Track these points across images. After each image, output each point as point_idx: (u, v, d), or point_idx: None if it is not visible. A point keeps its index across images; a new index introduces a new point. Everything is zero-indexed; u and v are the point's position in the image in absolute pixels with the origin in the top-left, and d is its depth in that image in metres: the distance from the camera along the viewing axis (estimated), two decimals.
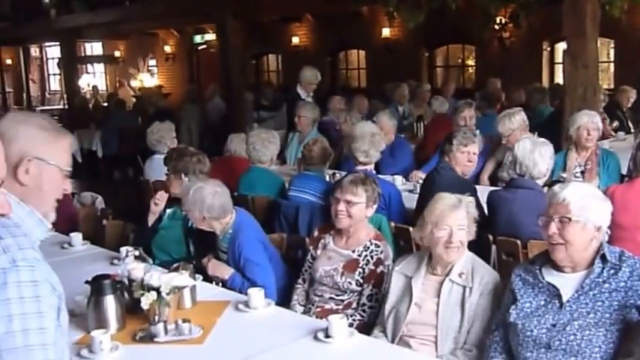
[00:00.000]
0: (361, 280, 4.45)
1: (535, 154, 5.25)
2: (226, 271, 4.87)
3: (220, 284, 4.79)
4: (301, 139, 9.05)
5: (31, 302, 2.01)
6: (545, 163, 5.29)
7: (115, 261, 5.06)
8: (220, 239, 4.99)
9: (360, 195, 4.56)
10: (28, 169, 2.29)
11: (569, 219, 3.37)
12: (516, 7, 10.26)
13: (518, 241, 4.90)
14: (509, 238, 5.01)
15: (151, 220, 5.71)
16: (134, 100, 19.60)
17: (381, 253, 4.47)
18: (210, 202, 4.82)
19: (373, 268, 4.43)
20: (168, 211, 5.74)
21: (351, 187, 4.58)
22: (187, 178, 5.72)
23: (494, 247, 5.12)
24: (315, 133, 8.91)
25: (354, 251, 4.53)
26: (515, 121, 7.31)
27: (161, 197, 5.72)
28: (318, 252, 4.72)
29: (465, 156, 5.95)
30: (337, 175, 7.13)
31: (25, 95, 24.37)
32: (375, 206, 4.69)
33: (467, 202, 3.99)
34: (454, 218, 3.89)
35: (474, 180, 7.04)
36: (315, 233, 4.87)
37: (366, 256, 4.48)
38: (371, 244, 4.51)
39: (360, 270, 4.46)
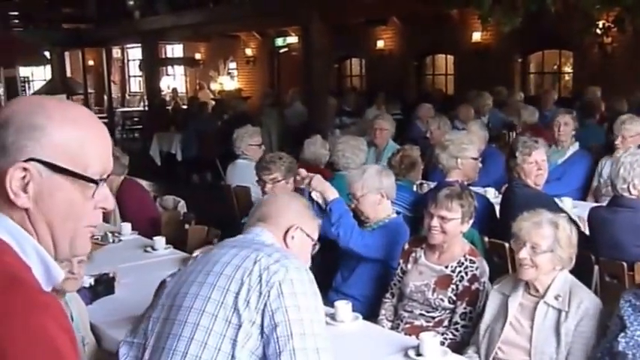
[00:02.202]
0: (454, 298, 4.21)
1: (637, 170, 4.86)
2: (332, 192, 4.85)
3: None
4: (378, 153, 8.77)
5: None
6: None
7: None
8: (368, 225, 4.95)
9: (455, 210, 4.28)
10: (294, 236, 2.97)
11: None
12: (621, 11, 9.76)
13: (624, 263, 4.55)
14: (613, 260, 4.68)
15: None
16: (213, 103, 19.59)
17: (477, 269, 4.22)
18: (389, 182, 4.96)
19: (467, 285, 4.19)
20: None
21: (446, 202, 4.29)
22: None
23: (596, 268, 4.77)
24: (393, 147, 8.62)
25: (447, 267, 4.29)
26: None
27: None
28: (409, 266, 4.48)
29: (534, 166, 5.55)
30: (425, 185, 6.87)
31: (106, 96, 24.64)
32: (471, 221, 4.41)
33: (555, 222, 3.72)
34: (531, 235, 3.67)
35: (579, 196, 6.75)
36: (406, 246, 4.61)
37: (460, 272, 4.23)
38: (465, 259, 4.26)
39: (454, 287, 4.22)
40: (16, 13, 22.20)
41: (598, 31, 11.36)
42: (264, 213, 3.01)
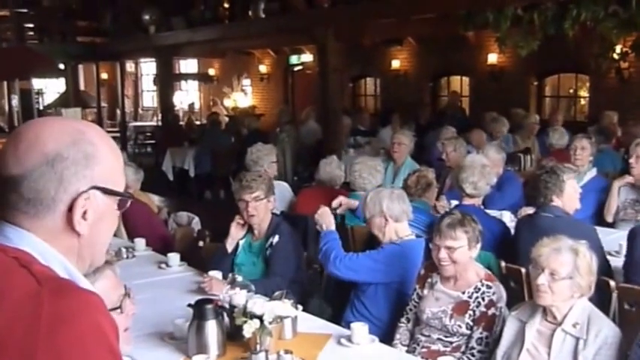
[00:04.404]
0: (471, 323, 4.17)
1: None
2: (327, 226, 5.13)
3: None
4: (396, 169, 8.83)
5: None
6: None
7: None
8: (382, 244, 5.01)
9: (460, 238, 4.23)
10: None
11: None
12: (639, 36, 9.73)
13: None
14: (633, 286, 4.63)
15: (230, 246, 5.47)
16: (227, 119, 19.59)
17: (494, 294, 4.16)
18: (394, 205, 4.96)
19: (484, 310, 4.14)
20: (242, 242, 5.51)
21: (450, 231, 4.24)
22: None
23: (614, 295, 4.67)
24: (411, 163, 8.63)
25: (464, 292, 4.24)
26: None
27: (242, 220, 5.47)
28: (425, 291, 4.44)
29: (577, 190, 5.50)
30: (441, 207, 6.78)
31: (119, 111, 24.66)
32: (479, 245, 4.34)
33: (575, 249, 3.68)
34: (549, 262, 3.64)
35: (595, 223, 6.63)
36: (422, 271, 4.56)
37: (477, 297, 4.18)
38: (482, 284, 4.21)
39: (471, 312, 4.17)
40: (31, 26, 22.29)
41: (615, 55, 11.32)
42: None
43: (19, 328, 1.42)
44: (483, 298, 4.15)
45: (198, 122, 20.50)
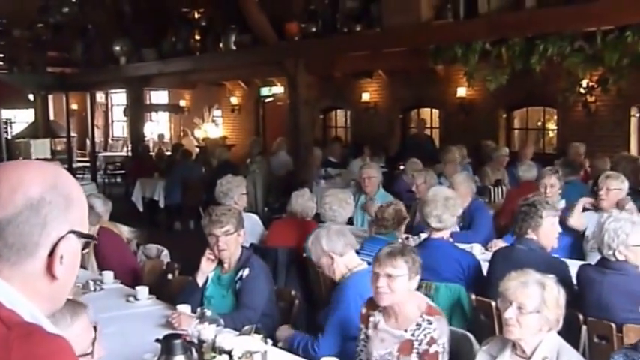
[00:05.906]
0: None
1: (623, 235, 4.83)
2: (290, 336, 4.96)
3: None
4: (367, 200, 8.83)
5: None
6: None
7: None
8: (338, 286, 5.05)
9: (400, 267, 4.13)
10: None
11: None
12: (605, 71, 9.87)
13: (613, 324, 4.52)
14: (602, 320, 4.64)
15: (201, 280, 5.45)
16: (197, 150, 19.54)
17: (434, 330, 4.02)
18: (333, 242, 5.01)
19: (427, 347, 4.01)
20: (211, 274, 5.49)
21: (390, 259, 4.15)
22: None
23: (584, 328, 4.72)
24: (383, 195, 8.63)
25: (406, 330, 4.10)
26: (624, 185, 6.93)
27: (213, 254, 5.45)
28: (370, 332, 4.30)
29: (555, 229, 5.53)
30: (411, 240, 6.76)
31: (89, 141, 24.54)
32: (418, 277, 4.25)
33: (542, 282, 3.69)
34: (517, 295, 3.65)
35: (565, 254, 6.62)
36: (363, 310, 4.42)
37: (419, 334, 4.04)
38: (423, 319, 4.07)
39: (416, 351, 4.04)
40: (1, 56, 22.20)
41: (582, 90, 11.49)
42: None
43: None
44: (425, 335, 4.02)
45: (168, 153, 20.45)
